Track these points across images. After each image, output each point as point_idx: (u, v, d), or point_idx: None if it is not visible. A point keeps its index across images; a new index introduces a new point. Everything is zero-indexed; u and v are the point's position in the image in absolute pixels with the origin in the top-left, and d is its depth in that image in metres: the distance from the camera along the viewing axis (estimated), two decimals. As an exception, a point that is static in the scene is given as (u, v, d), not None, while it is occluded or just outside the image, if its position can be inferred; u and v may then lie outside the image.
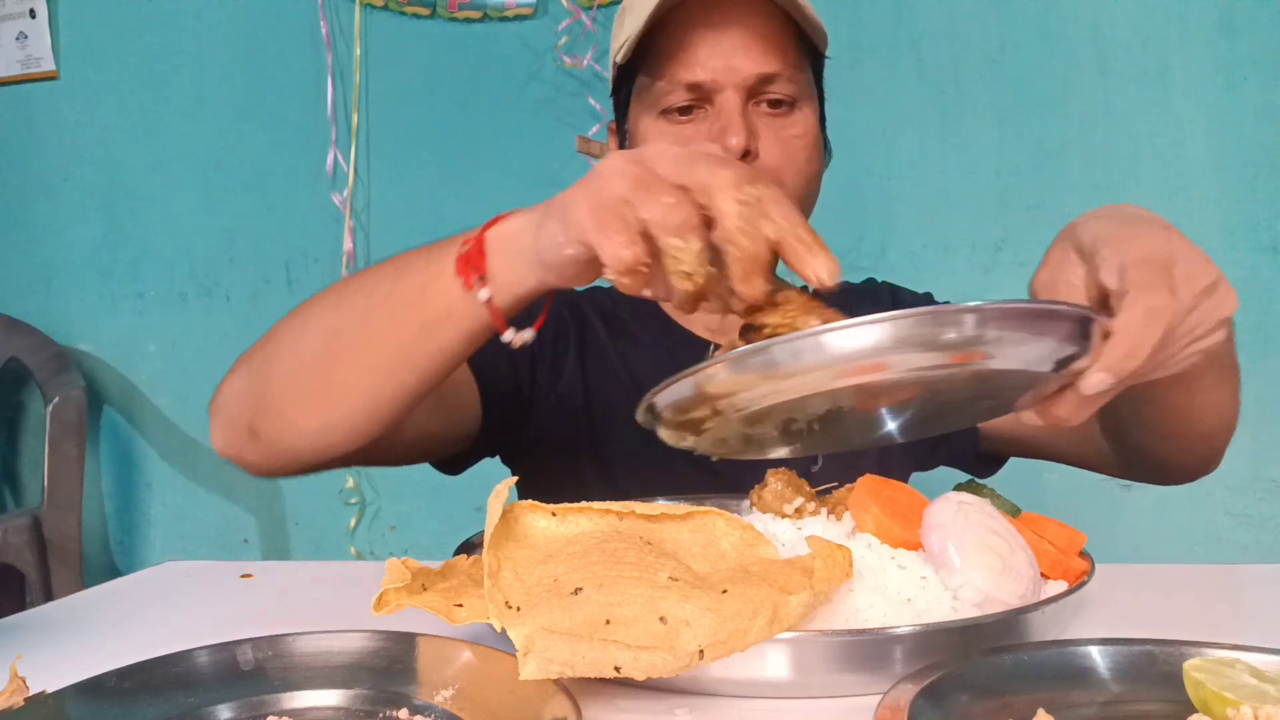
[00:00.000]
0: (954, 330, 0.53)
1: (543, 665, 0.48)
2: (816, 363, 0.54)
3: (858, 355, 0.53)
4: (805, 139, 0.97)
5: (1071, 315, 0.56)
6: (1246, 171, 1.83)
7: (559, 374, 1.03)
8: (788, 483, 0.74)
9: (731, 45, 0.93)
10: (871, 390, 0.58)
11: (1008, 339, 0.54)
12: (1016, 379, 0.58)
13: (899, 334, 0.53)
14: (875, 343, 0.53)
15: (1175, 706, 0.48)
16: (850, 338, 0.53)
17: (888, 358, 0.54)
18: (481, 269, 0.68)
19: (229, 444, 0.84)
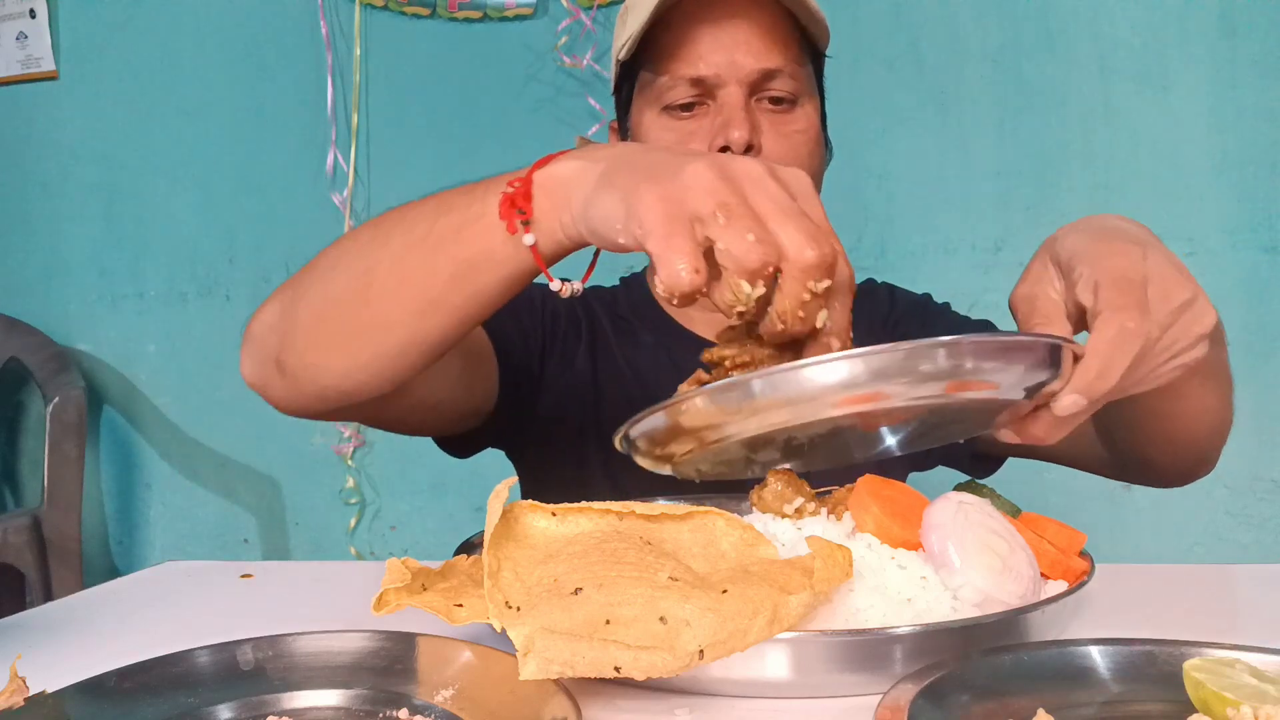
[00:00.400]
0: (927, 364, 0.55)
1: (543, 665, 0.48)
2: (788, 397, 0.56)
3: (829, 390, 0.55)
4: (807, 135, 0.97)
5: (1042, 346, 0.58)
6: (1246, 171, 1.83)
7: (569, 366, 1.04)
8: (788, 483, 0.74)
9: (734, 40, 0.93)
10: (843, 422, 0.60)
11: (979, 370, 0.56)
12: (991, 405, 0.60)
13: (872, 369, 0.54)
14: (848, 378, 0.54)
15: (1175, 706, 0.48)
16: (821, 374, 0.55)
17: (858, 391, 0.55)
18: (528, 212, 0.65)
19: (256, 375, 0.81)
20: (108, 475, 2.31)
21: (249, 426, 2.17)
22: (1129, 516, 1.88)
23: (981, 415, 0.63)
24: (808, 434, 0.64)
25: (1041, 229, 2.13)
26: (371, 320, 0.72)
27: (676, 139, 0.96)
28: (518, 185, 0.66)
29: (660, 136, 0.97)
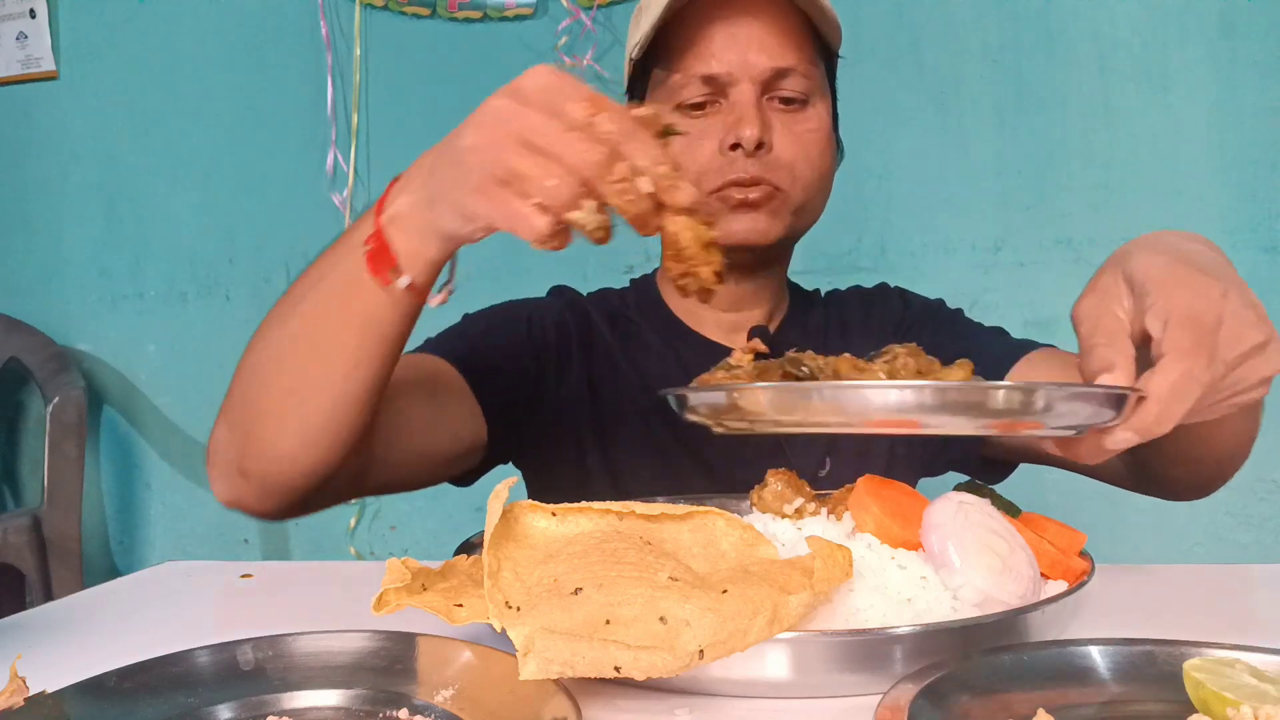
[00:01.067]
0: (995, 404, 0.56)
1: (543, 665, 0.48)
2: (845, 410, 0.57)
3: (891, 411, 0.56)
4: (818, 134, 0.97)
5: (1113, 396, 0.57)
6: (1246, 171, 1.83)
7: (564, 375, 1.04)
8: (788, 483, 0.74)
9: (747, 39, 0.93)
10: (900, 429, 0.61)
11: (1043, 412, 0.56)
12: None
13: (942, 400, 0.56)
14: (913, 403, 0.56)
15: (1175, 706, 0.48)
16: (883, 396, 0.56)
17: (922, 418, 0.56)
18: (392, 261, 0.70)
19: (228, 493, 0.85)
20: (108, 475, 2.31)
21: (249, 426, 2.16)
22: (1129, 516, 1.88)
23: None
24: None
25: (1041, 229, 2.13)
26: (302, 398, 0.76)
27: (689, 136, 0.96)
28: (373, 241, 0.70)
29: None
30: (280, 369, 0.78)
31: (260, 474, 0.81)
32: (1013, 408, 0.56)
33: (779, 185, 0.95)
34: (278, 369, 0.78)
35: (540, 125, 0.61)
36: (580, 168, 0.60)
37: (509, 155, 0.61)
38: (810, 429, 0.60)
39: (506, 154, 0.61)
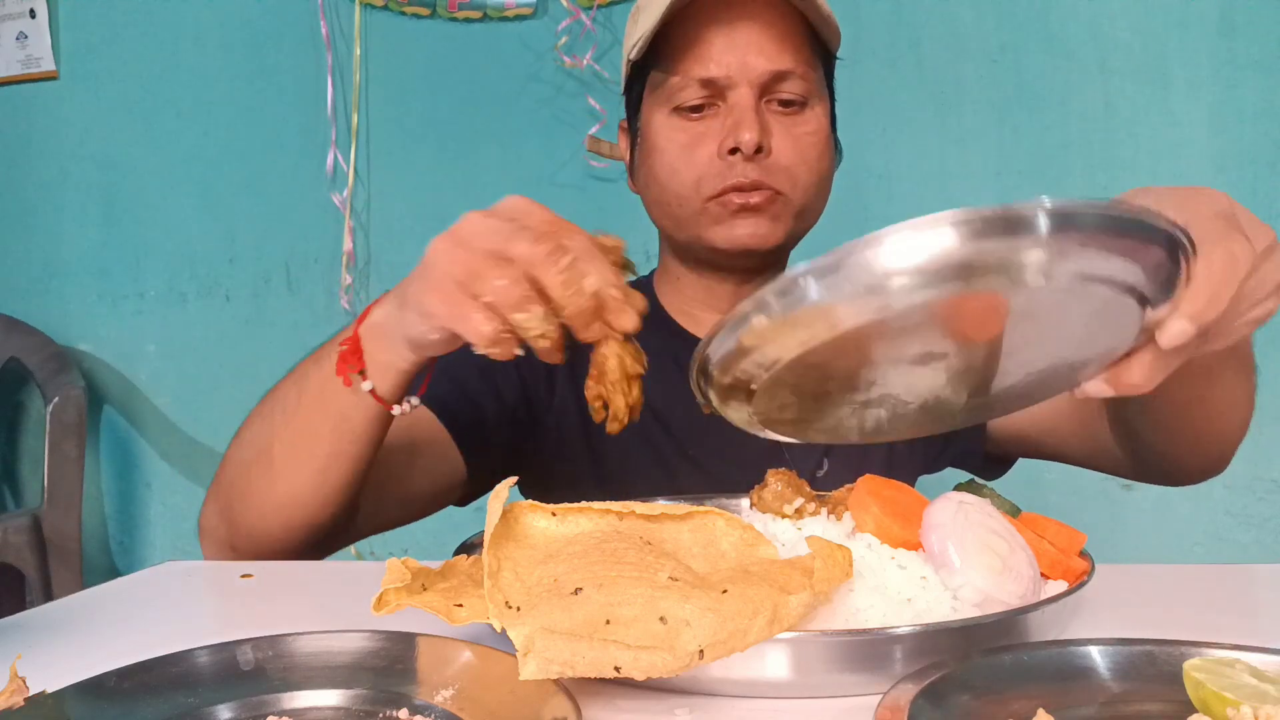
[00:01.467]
0: (1028, 231, 0.48)
1: (543, 665, 0.48)
2: (864, 285, 0.50)
3: (917, 271, 0.49)
4: (817, 137, 0.97)
5: (1165, 231, 0.50)
6: (1246, 171, 1.83)
7: (552, 391, 1.04)
8: (788, 483, 0.74)
9: (746, 42, 0.93)
10: (927, 330, 0.53)
11: (1092, 244, 0.49)
12: (1097, 309, 0.53)
13: (966, 236, 0.48)
14: (941, 251, 0.49)
15: (1175, 706, 0.48)
16: (910, 244, 0.49)
17: (946, 275, 0.49)
18: (359, 365, 0.75)
19: (218, 559, 0.91)
20: (108, 475, 2.31)
21: (249, 426, 2.17)
22: (1129, 516, 1.89)
23: (1089, 339, 0.56)
24: (889, 352, 0.56)
25: (1041, 229, 2.07)
26: (285, 491, 0.82)
27: (687, 139, 0.96)
28: (348, 343, 0.76)
29: (670, 137, 0.97)
30: (261, 460, 0.83)
31: (250, 550, 0.87)
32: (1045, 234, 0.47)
33: (780, 189, 0.95)
34: (259, 460, 0.83)
35: (502, 229, 0.65)
36: (531, 263, 0.62)
37: (467, 257, 0.64)
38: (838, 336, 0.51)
39: (465, 255, 0.65)
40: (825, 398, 0.62)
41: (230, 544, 0.89)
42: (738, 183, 0.93)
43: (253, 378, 2.18)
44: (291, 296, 2.19)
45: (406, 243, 2.14)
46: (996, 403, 0.64)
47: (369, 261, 2.15)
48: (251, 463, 0.84)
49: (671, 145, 0.97)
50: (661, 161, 0.98)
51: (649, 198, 1.02)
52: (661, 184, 0.98)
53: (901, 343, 0.54)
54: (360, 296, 2.15)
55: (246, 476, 0.85)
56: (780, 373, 0.57)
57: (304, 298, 2.18)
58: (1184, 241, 0.52)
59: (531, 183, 2.07)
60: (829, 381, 0.60)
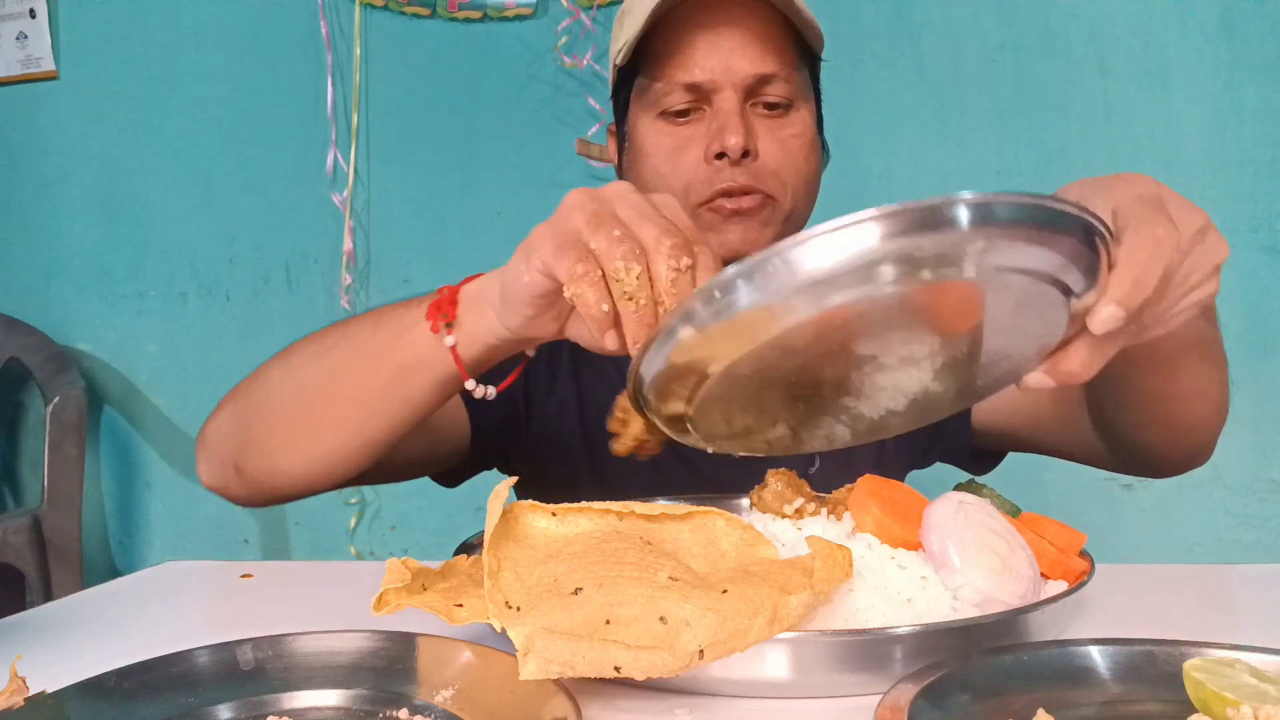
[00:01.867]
0: (948, 225, 0.48)
1: (543, 665, 0.48)
2: (783, 288, 0.50)
3: (836, 269, 0.49)
4: (803, 139, 0.97)
5: (1079, 218, 0.51)
6: (1246, 171, 1.83)
7: (553, 389, 1.04)
8: (788, 483, 0.74)
9: (729, 46, 0.93)
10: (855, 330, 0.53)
11: (1011, 236, 0.49)
12: (1021, 300, 0.53)
13: (885, 232, 0.48)
14: (860, 249, 0.49)
15: (1175, 706, 0.48)
16: (830, 245, 0.49)
17: (867, 267, 0.49)
18: (451, 315, 0.73)
19: (215, 479, 0.88)
20: (108, 475, 2.31)
21: (249, 426, 2.17)
22: (1129, 516, 1.88)
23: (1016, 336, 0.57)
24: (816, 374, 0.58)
25: (1041, 229, 2.06)
26: (318, 425, 0.79)
27: (673, 144, 0.96)
28: (445, 292, 0.74)
29: (657, 142, 0.97)
30: (309, 391, 0.80)
31: (254, 475, 0.84)
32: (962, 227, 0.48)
33: (769, 193, 0.95)
34: (307, 390, 0.81)
35: (644, 207, 0.63)
36: (653, 247, 0.61)
37: (597, 210, 0.63)
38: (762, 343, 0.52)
39: (596, 209, 0.63)
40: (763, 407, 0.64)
41: (235, 462, 0.85)
42: (726, 188, 0.93)
43: (253, 378, 2.19)
44: (291, 296, 2.19)
45: (406, 243, 2.14)
46: (939, 401, 0.65)
47: (369, 261, 2.15)
48: (291, 389, 0.81)
49: (658, 150, 0.97)
50: (649, 166, 0.98)
51: None
52: (649, 188, 0.99)
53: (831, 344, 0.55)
54: (360, 296, 2.15)
55: (281, 402, 0.82)
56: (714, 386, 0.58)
57: (304, 298, 2.18)
58: (1099, 228, 0.53)
59: (531, 182, 2.07)
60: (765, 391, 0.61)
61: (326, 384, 0.79)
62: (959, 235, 0.49)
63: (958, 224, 0.49)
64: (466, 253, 2.10)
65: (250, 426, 0.84)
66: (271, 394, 0.83)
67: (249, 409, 0.84)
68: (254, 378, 0.86)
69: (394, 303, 0.81)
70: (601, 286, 0.61)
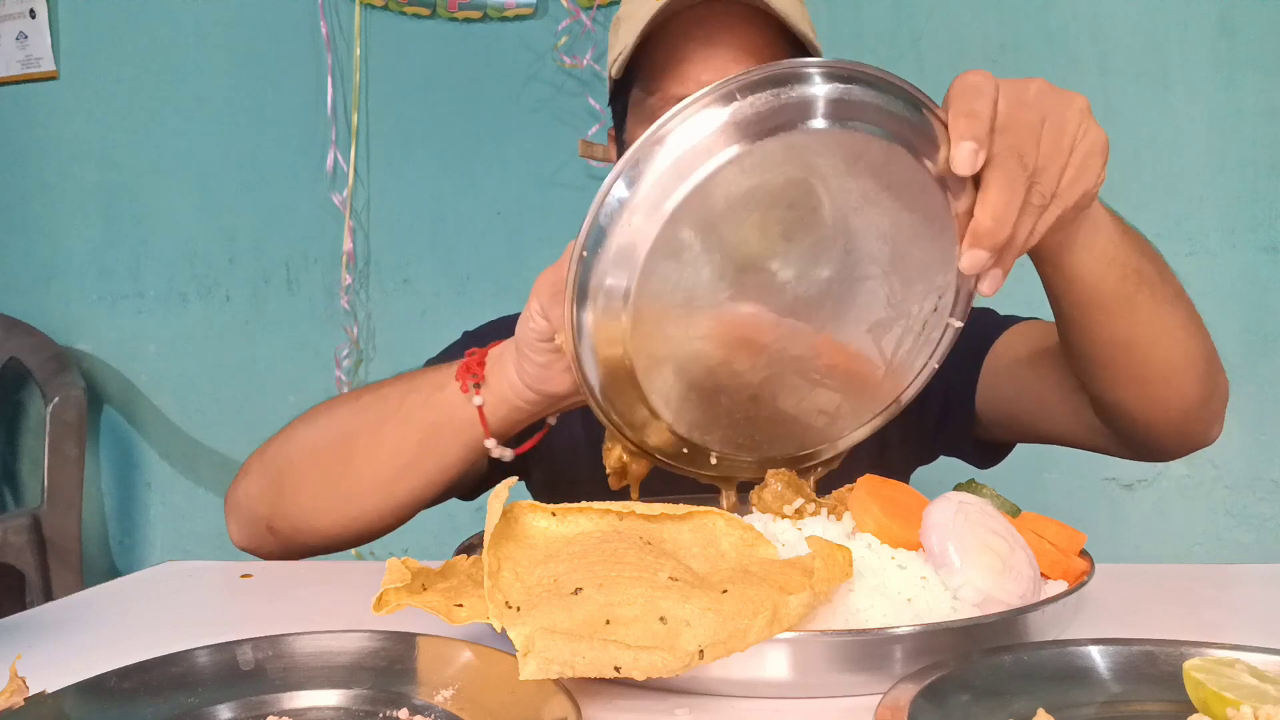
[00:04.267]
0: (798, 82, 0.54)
1: (543, 665, 0.48)
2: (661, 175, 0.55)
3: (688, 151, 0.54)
4: None
5: (892, 82, 0.60)
6: (1246, 171, 1.83)
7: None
8: (788, 483, 0.74)
9: (724, 59, 0.92)
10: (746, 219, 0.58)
11: (841, 92, 0.56)
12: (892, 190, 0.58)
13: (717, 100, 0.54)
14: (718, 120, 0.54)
15: (1175, 706, 0.48)
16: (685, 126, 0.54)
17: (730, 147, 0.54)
18: (480, 376, 0.76)
19: (247, 539, 0.91)
20: (108, 475, 2.31)
21: (249, 426, 2.16)
22: (1129, 516, 1.88)
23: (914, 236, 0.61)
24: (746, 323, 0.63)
25: (1041, 229, 2.05)
26: (352, 485, 0.83)
27: None
28: (475, 354, 0.78)
29: None
30: (344, 451, 0.84)
31: (287, 535, 0.88)
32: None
33: None
34: (338, 452, 0.84)
35: None
36: None
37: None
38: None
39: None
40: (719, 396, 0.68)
41: (268, 524, 0.88)
42: None
43: (253, 378, 2.19)
44: (291, 296, 2.19)
45: (406, 243, 2.14)
46: (898, 322, 0.68)
47: (369, 261, 2.15)
48: (326, 447, 0.85)
49: None
50: None
51: None
52: None
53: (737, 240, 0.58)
54: (360, 296, 2.15)
55: (314, 461, 0.85)
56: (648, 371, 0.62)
57: (304, 298, 2.18)
58: (917, 95, 0.61)
59: (531, 182, 2.07)
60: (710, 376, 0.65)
61: (360, 444, 0.83)
62: (795, 93, 0.55)
63: (789, 82, 0.55)
64: (466, 253, 2.10)
65: (282, 488, 0.87)
66: (303, 455, 0.86)
67: (280, 471, 0.87)
68: (282, 438, 0.89)
69: (425, 367, 0.86)
70: None
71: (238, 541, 0.93)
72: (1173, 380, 0.82)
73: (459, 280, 2.10)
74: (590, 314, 0.59)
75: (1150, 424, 0.87)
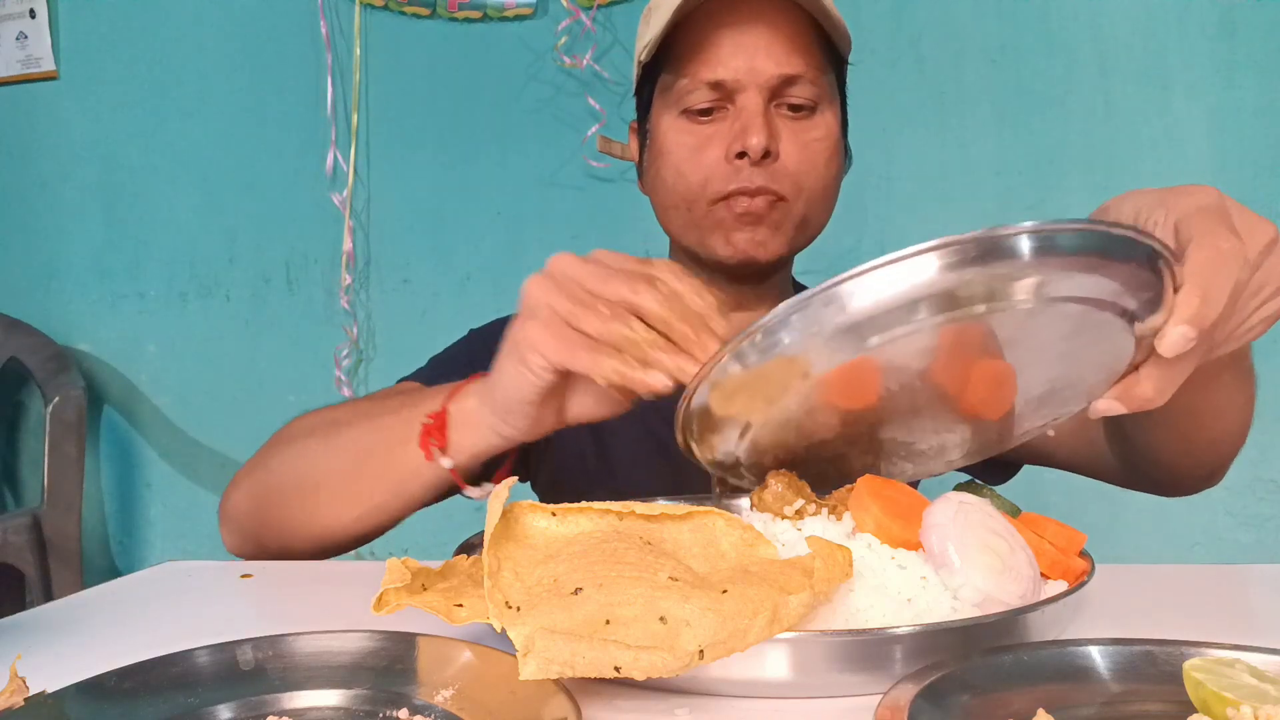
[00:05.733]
0: (1008, 257, 0.47)
1: (543, 665, 0.48)
2: (833, 331, 0.50)
3: (883, 307, 0.48)
4: (825, 142, 0.96)
5: (1140, 243, 0.50)
6: (1246, 171, 1.83)
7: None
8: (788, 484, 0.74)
9: (755, 45, 0.92)
10: (906, 368, 0.52)
11: (1067, 265, 0.48)
12: (1080, 328, 0.52)
13: (945, 266, 0.47)
14: (908, 286, 0.48)
15: (1175, 706, 0.48)
16: (878, 283, 0.48)
17: (926, 307, 0.48)
18: (442, 442, 0.76)
19: (239, 548, 0.95)
20: (108, 475, 2.31)
21: (249, 426, 2.16)
22: (1129, 516, 1.88)
23: (1083, 365, 0.56)
24: (866, 413, 0.57)
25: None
26: (330, 512, 0.86)
27: (695, 142, 0.95)
28: (434, 418, 0.77)
29: (678, 140, 0.96)
30: (315, 485, 0.86)
31: (276, 550, 0.91)
32: (1027, 254, 0.47)
33: (783, 194, 0.94)
34: (313, 484, 0.86)
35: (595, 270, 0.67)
36: (627, 296, 0.64)
37: (568, 293, 0.66)
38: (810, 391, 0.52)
39: (566, 292, 0.67)
40: (823, 447, 0.64)
41: (256, 539, 0.92)
42: (743, 187, 0.93)
43: (253, 378, 2.19)
44: (291, 296, 2.19)
45: (406, 243, 2.14)
46: (1004, 433, 0.64)
47: (369, 261, 2.15)
48: (301, 477, 0.87)
49: (679, 148, 0.96)
50: (669, 164, 0.97)
51: (656, 200, 1.02)
52: (669, 186, 0.98)
53: (880, 383, 0.55)
54: (360, 296, 2.15)
55: (289, 491, 0.88)
56: (761, 427, 0.58)
57: (304, 298, 2.18)
58: (1160, 250, 0.51)
59: (531, 183, 2.07)
60: (823, 431, 0.61)
61: (327, 490, 0.85)
62: (1014, 268, 0.48)
63: (1013, 256, 0.48)
64: (466, 253, 2.10)
65: (265, 508, 0.89)
66: (280, 481, 0.89)
67: (262, 493, 0.90)
68: (264, 458, 0.91)
69: (390, 395, 0.88)
70: (621, 355, 0.64)
71: (230, 548, 0.96)
72: (1218, 447, 0.84)
73: (459, 280, 2.10)
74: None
75: (1178, 475, 0.88)
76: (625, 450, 1.04)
